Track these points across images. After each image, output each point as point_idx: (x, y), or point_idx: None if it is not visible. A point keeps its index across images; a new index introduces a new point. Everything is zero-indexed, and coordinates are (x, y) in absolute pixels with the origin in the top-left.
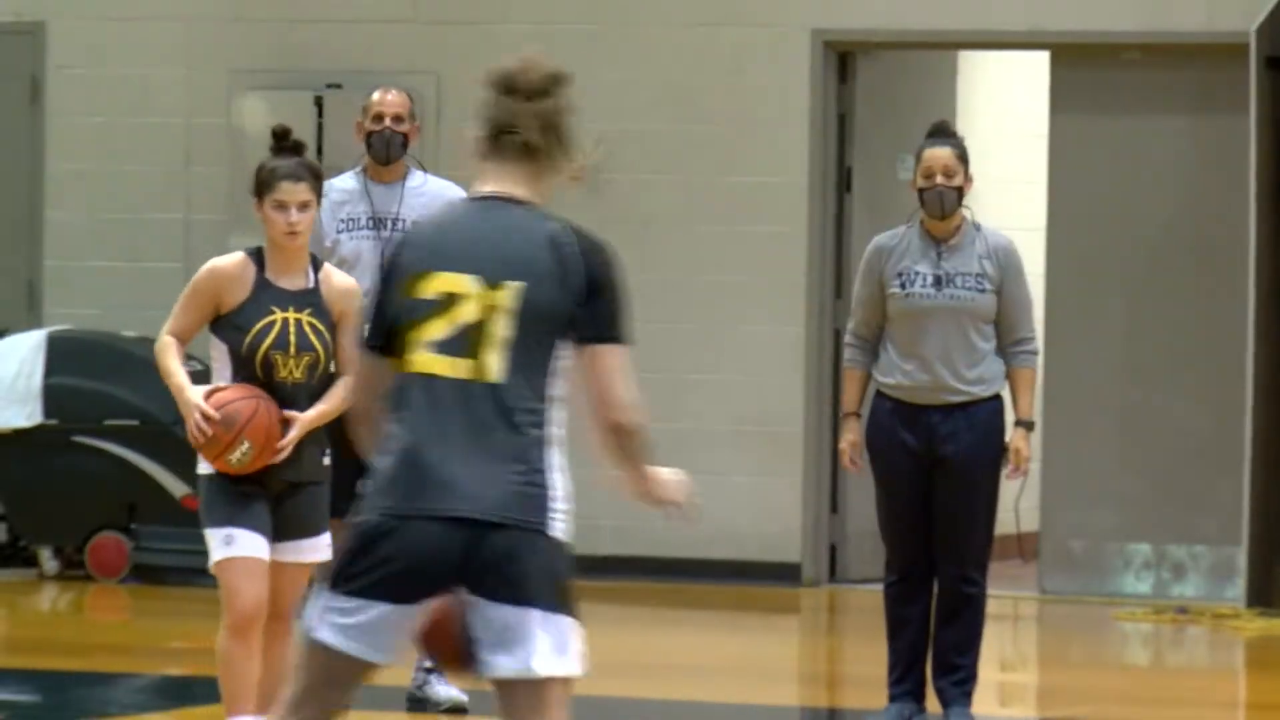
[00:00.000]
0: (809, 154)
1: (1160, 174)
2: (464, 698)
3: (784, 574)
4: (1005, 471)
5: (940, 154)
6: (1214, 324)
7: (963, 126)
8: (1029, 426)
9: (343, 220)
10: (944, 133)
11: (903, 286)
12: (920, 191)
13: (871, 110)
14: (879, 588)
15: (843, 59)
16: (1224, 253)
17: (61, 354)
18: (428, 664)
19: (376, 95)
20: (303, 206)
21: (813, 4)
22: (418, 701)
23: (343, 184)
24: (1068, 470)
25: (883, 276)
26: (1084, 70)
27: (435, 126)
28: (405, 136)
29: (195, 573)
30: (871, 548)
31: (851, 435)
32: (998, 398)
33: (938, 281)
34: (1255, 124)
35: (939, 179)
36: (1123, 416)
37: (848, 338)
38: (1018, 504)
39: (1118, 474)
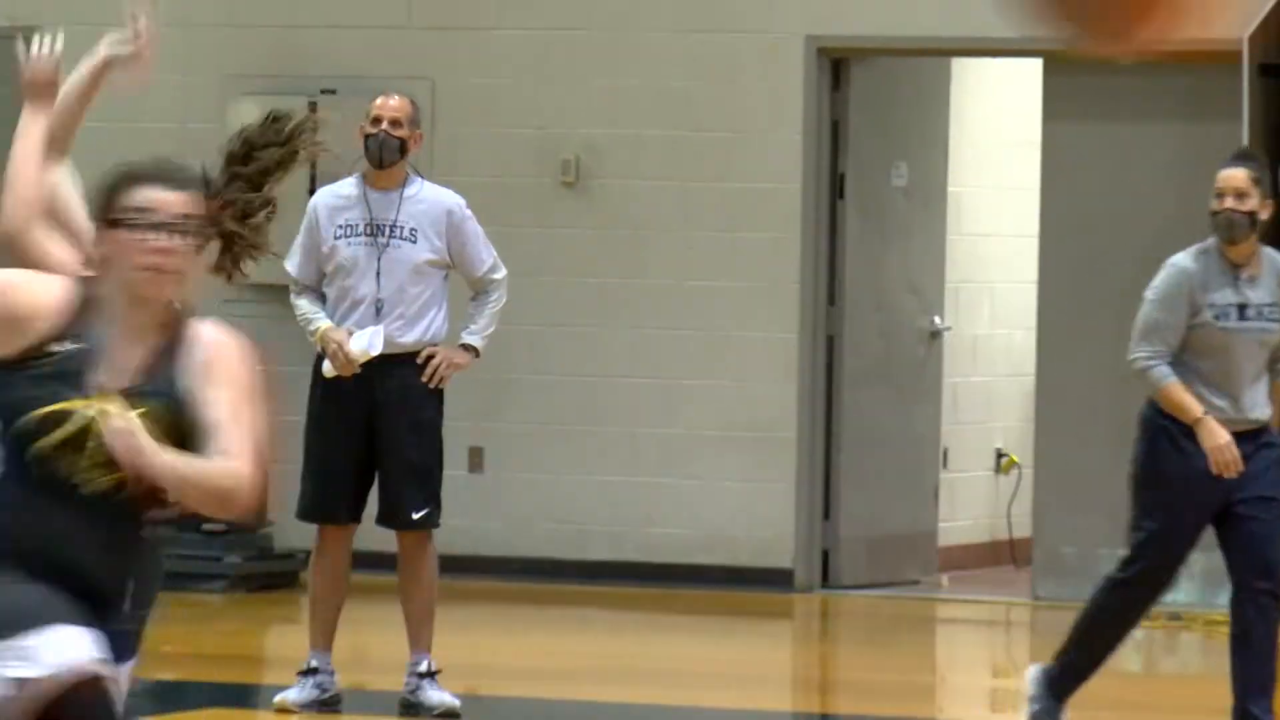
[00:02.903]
0: (802, 160)
1: (1153, 181)
2: (456, 702)
3: (776, 580)
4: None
5: (1234, 174)
6: None
7: (955, 134)
8: None
9: (340, 226)
10: (1243, 155)
11: (1216, 318)
12: (1212, 215)
13: (865, 117)
14: (872, 593)
15: (836, 66)
16: None
17: None
18: (420, 669)
19: (379, 100)
20: None
21: (806, 11)
22: (410, 706)
23: (342, 190)
24: (1060, 476)
25: (1193, 302)
26: (1077, 77)
27: (430, 132)
28: (402, 142)
29: (187, 577)
30: (864, 553)
31: (1225, 435)
32: (1269, 423)
33: (1241, 312)
34: (1248, 131)
35: (1229, 201)
36: (1115, 422)
37: (1151, 358)
38: (1010, 510)
39: (1110, 480)
